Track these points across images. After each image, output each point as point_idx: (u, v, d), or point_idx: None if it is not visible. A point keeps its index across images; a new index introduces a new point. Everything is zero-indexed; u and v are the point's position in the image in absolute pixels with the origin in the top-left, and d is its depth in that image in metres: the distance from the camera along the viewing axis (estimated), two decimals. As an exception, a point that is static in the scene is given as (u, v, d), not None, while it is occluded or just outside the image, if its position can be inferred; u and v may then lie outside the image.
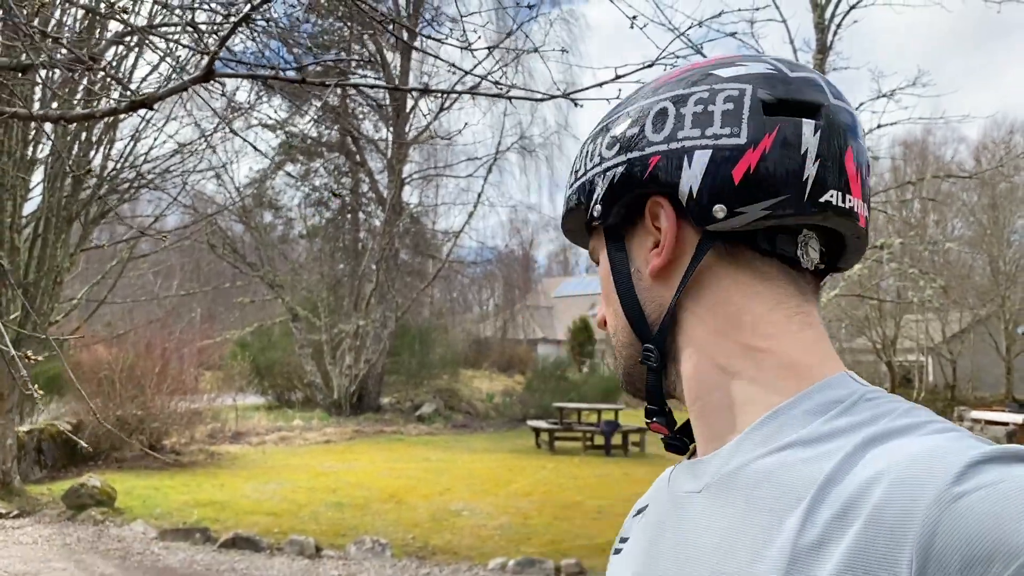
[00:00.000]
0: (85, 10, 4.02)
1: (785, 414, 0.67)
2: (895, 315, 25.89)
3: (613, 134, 0.78)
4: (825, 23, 8.74)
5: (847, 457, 0.60)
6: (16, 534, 8.28)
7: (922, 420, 0.62)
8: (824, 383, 0.69)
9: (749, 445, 0.68)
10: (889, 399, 0.66)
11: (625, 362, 0.81)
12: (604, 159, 0.78)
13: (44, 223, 9.25)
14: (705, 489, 0.70)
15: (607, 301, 0.82)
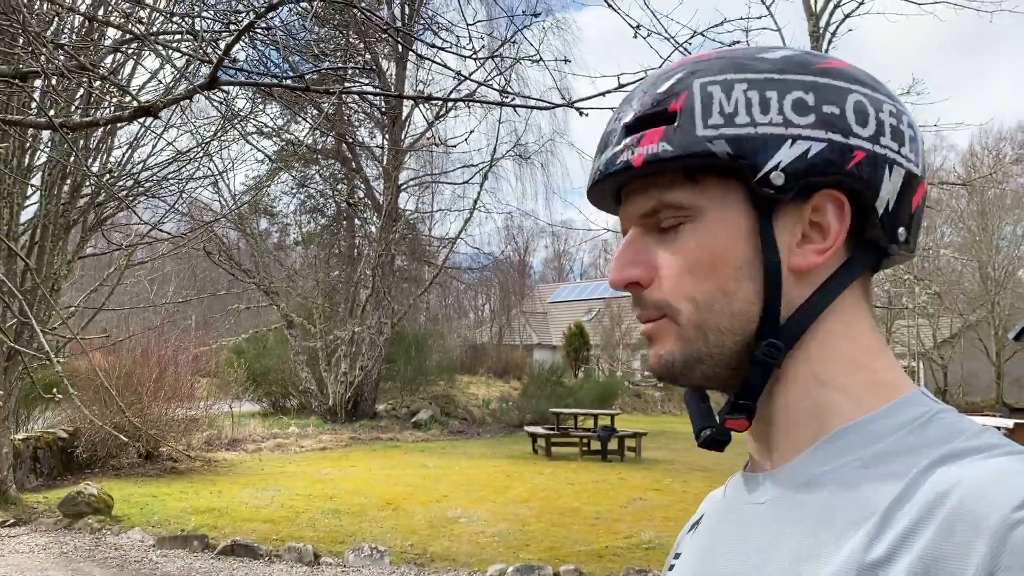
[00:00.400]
0: (84, 17, 4.04)
1: (863, 429, 0.68)
2: (886, 320, 25.97)
3: (802, 99, 0.70)
4: (820, 31, 8.80)
5: (919, 475, 0.61)
6: (12, 543, 8.25)
7: (994, 442, 0.62)
8: (902, 400, 0.69)
9: (823, 456, 0.68)
10: (960, 419, 0.67)
11: (709, 348, 0.72)
12: (792, 123, 0.69)
13: (41, 230, 9.25)
14: (771, 501, 0.71)
15: (696, 272, 0.71)
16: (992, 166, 27.77)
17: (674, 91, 0.72)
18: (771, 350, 0.70)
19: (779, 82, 0.70)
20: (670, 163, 0.70)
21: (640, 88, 0.77)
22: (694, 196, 0.71)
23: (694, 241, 0.71)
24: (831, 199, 0.71)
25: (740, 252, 0.71)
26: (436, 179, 21.31)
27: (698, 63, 0.74)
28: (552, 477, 12.62)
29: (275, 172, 21.30)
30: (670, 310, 0.72)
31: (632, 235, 0.75)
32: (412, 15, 20.56)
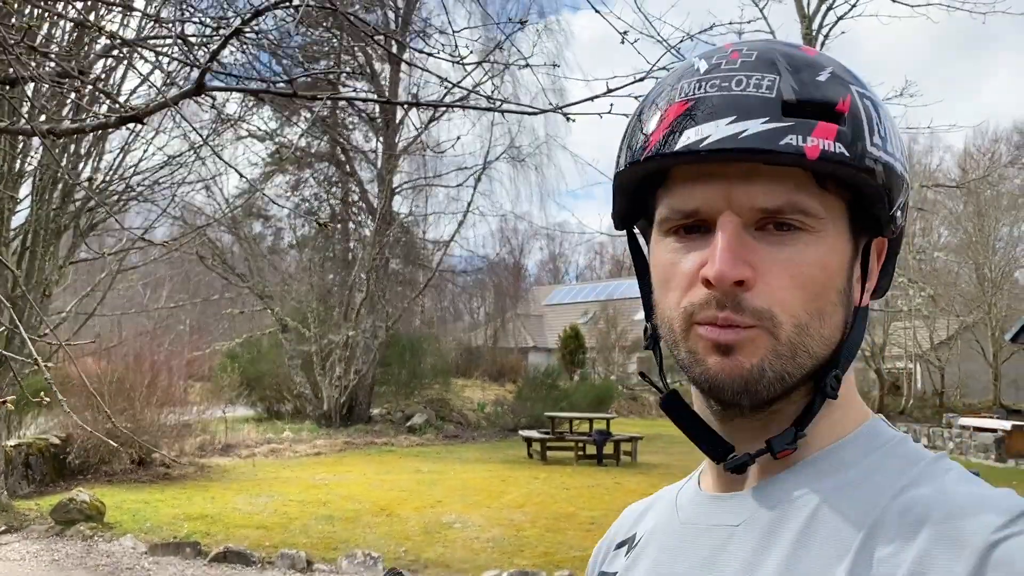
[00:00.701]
0: (74, 23, 4.01)
1: (837, 454, 0.70)
2: (883, 322, 26.01)
3: (901, 141, 0.71)
4: (813, 34, 8.80)
5: (893, 499, 0.63)
6: (3, 550, 8.20)
7: (952, 469, 0.66)
8: (868, 426, 0.72)
9: (797, 481, 0.69)
10: (917, 446, 0.70)
11: (795, 369, 0.68)
12: (904, 166, 0.70)
13: (32, 236, 9.20)
14: (746, 523, 0.69)
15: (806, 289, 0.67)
16: (987, 167, 27.84)
17: (838, 86, 0.67)
18: (835, 382, 0.69)
19: (891, 119, 0.70)
20: (840, 168, 0.65)
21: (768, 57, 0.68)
22: (823, 206, 0.67)
23: (812, 255, 0.67)
24: (878, 243, 0.74)
25: (841, 278, 0.69)
26: (430, 182, 21.27)
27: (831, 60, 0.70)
28: (547, 482, 12.58)
29: (269, 175, 21.26)
30: (772, 322, 0.66)
31: (737, 227, 0.66)
32: (406, 19, 20.54)
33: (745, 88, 0.66)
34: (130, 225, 13.89)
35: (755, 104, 0.65)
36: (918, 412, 26.04)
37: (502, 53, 4.69)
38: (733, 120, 0.65)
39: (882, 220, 0.69)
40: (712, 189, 0.67)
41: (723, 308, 0.67)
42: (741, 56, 0.68)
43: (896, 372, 28.96)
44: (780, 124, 0.64)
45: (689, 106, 0.67)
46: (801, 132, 0.64)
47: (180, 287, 22.99)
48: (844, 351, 0.70)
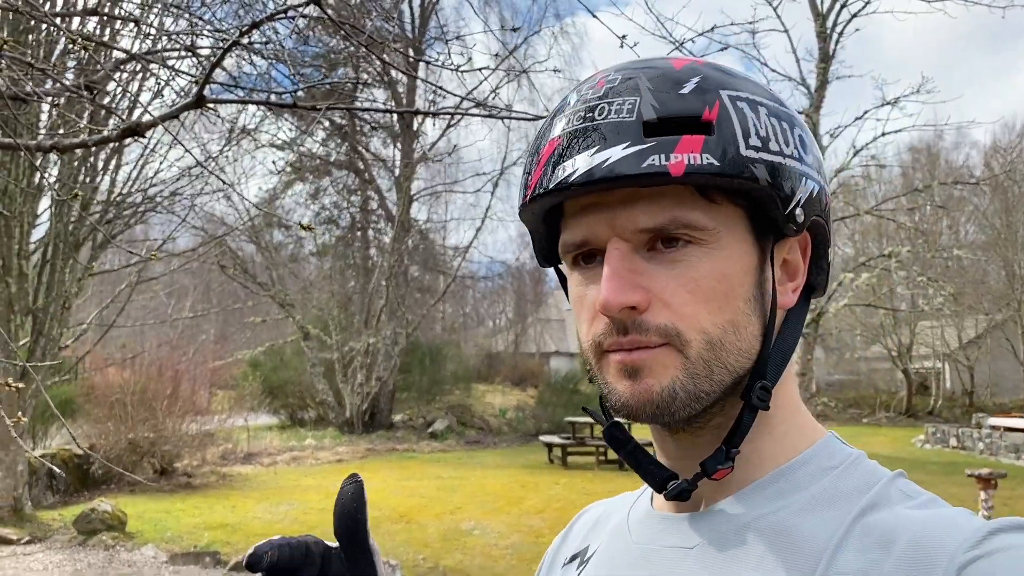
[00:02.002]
0: (86, 39, 4.04)
1: (795, 472, 0.68)
2: (910, 322, 25.70)
3: (802, 137, 0.69)
4: (827, 32, 8.71)
5: (854, 520, 0.62)
6: (27, 560, 8.29)
7: (910, 490, 0.65)
8: (822, 444, 0.70)
9: (754, 501, 0.67)
10: (872, 464, 0.69)
11: (711, 385, 0.66)
12: (803, 161, 0.68)
13: (52, 249, 9.31)
14: (702, 545, 0.67)
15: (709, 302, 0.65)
16: (1011, 162, 27.40)
17: (702, 96, 0.65)
18: (764, 393, 0.67)
19: (784, 114, 0.68)
20: (711, 179, 0.63)
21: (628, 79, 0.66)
22: (710, 218, 0.65)
23: (708, 267, 0.65)
24: (800, 239, 0.71)
25: (748, 286, 0.67)
26: (448, 188, 21.34)
27: (702, 69, 0.67)
28: (568, 487, 12.53)
29: (288, 184, 21.41)
30: (679, 339, 0.64)
31: (622, 251, 0.65)
32: (423, 26, 20.61)
33: (607, 115, 0.65)
34: (151, 236, 14.05)
35: (617, 130, 0.64)
36: (947, 412, 25.66)
37: (515, 59, 4.68)
38: (597, 150, 0.64)
39: (779, 221, 0.66)
40: (596, 218, 0.67)
41: (625, 332, 0.65)
42: (606, 83, 0.67)
43: (924, 372, 28.58)
44: (641, 146, 0.63)
45: (560, 142, 0.66)
46: (663, 151, 0.62)
47: (203, 297, 23.19)
48: (772, 358, 0.68)
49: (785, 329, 0.70)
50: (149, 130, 3.55)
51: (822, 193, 0.69)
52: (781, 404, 0.70)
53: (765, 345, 0.68)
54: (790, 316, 0.71)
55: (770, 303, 0.68)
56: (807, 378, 8.52)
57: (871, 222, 22.09)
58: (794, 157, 0.66)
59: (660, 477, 0.70)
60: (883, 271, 9.37)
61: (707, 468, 0.66)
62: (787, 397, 0.71)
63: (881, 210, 10.53)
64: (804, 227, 0.68)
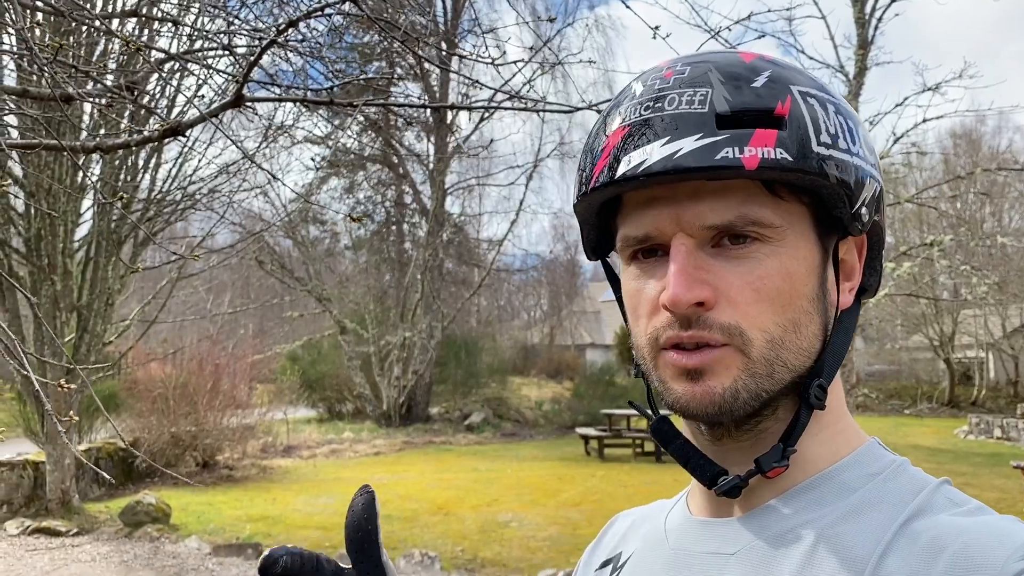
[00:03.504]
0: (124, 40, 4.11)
1: (836, 478, 0.67)
2: (952, 311, 25.22)
3: (865, 136, 0.68)
4: (865, 17, 8.56)
5: (900, 528, 0.61)
6: (76, 552, 8.47)
7: (955, 498, 0.64)
8: (865, 449, 0.69)
9: (796, 507, 0.66)
10: (916, 471, 0.67)
11: (772, 384, 0.65)
12: (868, 160, 0.67)
13: (95, 246, 9.49)
14: (744, 551, 0.66)
15: (773, 301, 0.64)
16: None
17: (774, 90, 0.64)
18: (821, 392, 0.66)
19: (849, 112, 0.67)
20: (785, 174, 0.62)
21: (701, 71, 0.65)
22: (778, 215, 0.64)
23: (774, 266, 0.64)
24: (857, 240, 0.71)
25: (812, 285, 0.66)
26: (481, 182, 21.36)
27: (771, 62, 0.67)
28: (605, 479, 12.52)
29: (324, 179, 21.58)
30: (742, 338, 0.63)
31: (688, 247, 0.64)
32: (455, 19, 20.63)
33: (678, 106, 0.63)
34: (190, 233, 14.26)
35: (688, 121, 0.62)
36: (991, 403, 25.16)
37: (549, 50, 4.67)
38: (668, 140, 0.62)
39: (844, 219, 0.66)
40: (661, 212, 0.65)
41: (688, 327, 0.64)
42: (675, 74, 0.66)
43: (967, 361, 28.03)
44: (714, 138, 0.61)
45: (626, 131, 0.65)
46: (737, 143, 0.61)
47: (241, 292, 23.51)
48: (827, 359, 0.67)
49: (839, 330, 0.69)
50: (189, 129, 3.60)
51: (882, 193, 0.69)
52: (830, 406, 0.69)
53: (825, 344, 0.67)
54: (844, 317, 0.70)
55: (830, 302, 0.68)
56: (848, 369, 8.41)
57: (912, 210, 21.71)
58: (860, 156, 0.66)
59: (711, 472, 0.69)
60: (925, 260, 9.21)
61: (763, 465, 0.65)
62: (834, 401, 0.70)
63: (922, 198, 10.34)
64: (869, 226, 0.68)
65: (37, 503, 9.82)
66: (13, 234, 9.27)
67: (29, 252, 9.10)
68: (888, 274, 8.71)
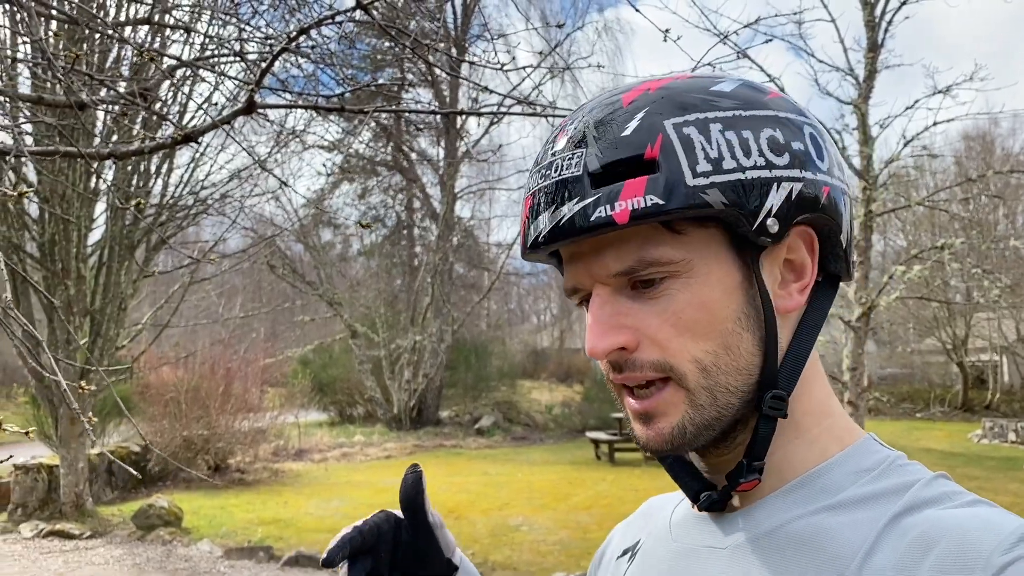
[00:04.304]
0: (138, 49, 4.15)
1: (826, 475, 0.68)
2: (965, 314, 25.06)
3: (774, 137, 0.67)
4: (876, 20, 8.53)
5: (889, 523, 0.62)
6: (89, 555, 8.53)
7: (949, 490, 0.64)
8: (858, 445, 0.70)
9: (787, 504, 0.68)
10: (913, 466, 0.68)
11: (719, 410, 0.67)
12: (774, 165, 0.66)
13: (108, 252, 9.56)
14: (734, 547, 0.69)
15: (695, 332, 0.66)
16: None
17: (645, 133, 0.65)
18: (778, 402, 0.68)
19: (748, 119, 0.66)
20: (661, 217, 0.63)
21: (579, 130, 0.67)
22: (679, 249, 0.66)
23: (687, 298, 0.66)
24: (801, 235, 0.70)
25: (735, 304, 0.67)
26: (492, 186, 21.41)
27: (653, 98, 0.67)
28: (615, 484, 12.51)
29: (336, 184, 21.68)
30: (673, 373, 0.66)
31: (604, 296, 0.68)
32: (465, 24, 20.69)
33: (561, 171, 0.67)
34: (202, 237, 14.34)
35: (569, 186, 0.66)
36: (1005, 406, 24.98)
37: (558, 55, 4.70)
38: (555, 208, 0.66)
39: (749, 236, 0.66)
40: (578, 267, 0.70)
41: (621, 370, 0.68)
42: (565, 134, 0.69)
43: (980, 365, 27.85)
44: (588, 200, 0.64)
45: (531, 202, 0.70)
46: (608, 201, 0.64)
47: (253, 296, 23.60)
48: (785, 365, 0.69)
49: (800, 331, 0.70)
50: (203, 136, 3.64)
51: (810, 190, 0.67)
52: (809, 409, 0.71)
53: (769, 356, 0.68)
54: (806, 316, 0.71)
55: (765, 314, 0.68)
56: (859, 372, 8.37)
57: (923, 213, 21.61)
58: (758, 166, 0.65)
59: (693, 489, 0.74)
60: (936, 263, 9.17)
61: (731, 482, 0.69)
62: (815, 401, 0.71)
63: (933, 200, 10.30)
64: (783, 234, 0.67)
65: (51, 506, 9.89)
66: (28, 239, 9.35)
67: (43, 257, 9.18)
68: (899, 277, 8.67)
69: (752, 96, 0.69)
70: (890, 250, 25.01)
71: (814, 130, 0.70)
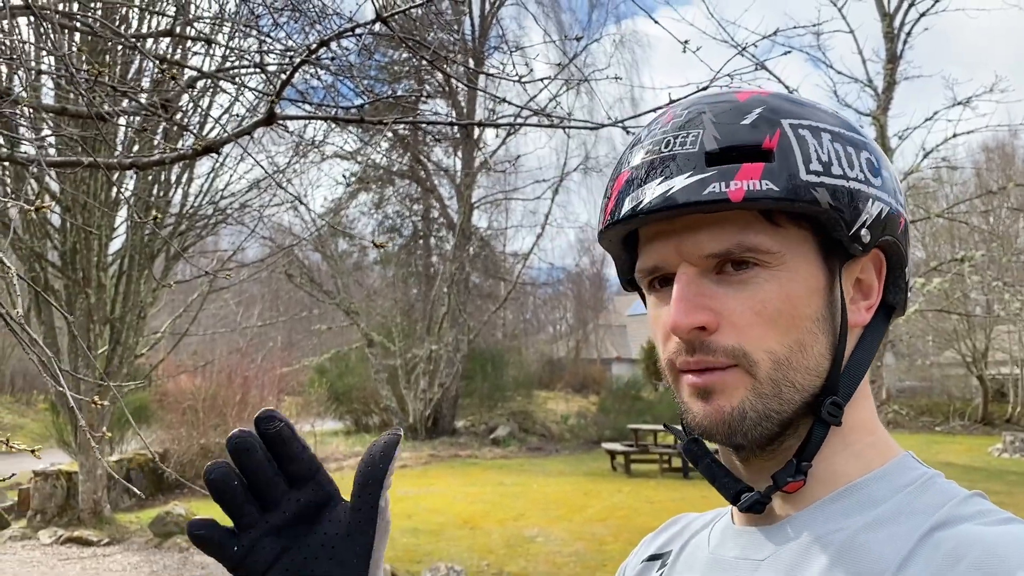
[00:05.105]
0: (167, 61, 4.20)
1: (865, 489, 0.69)
2: (985, 327, 24.81)
3: (871, 160, 0.70)
4: (895, 32, 8.51)
5: (923, 537, 0.62)
6: (106, 561, 8.59)
7: (984, 508, 0.65)
8: (898, 462, 0.71)
9: (824, 517, 0.69)
10: (948, 484, 0.69)
11: (781, 404, 0.68)
12: (871, 184, 0.69)
13: (128, 260, 9.65)
14: (771, 558, 0.70)
15: (776, 323, 0.67)
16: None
17: (764, 126, 0.68)
18: (835, 408, 0.69)
19: (850, 139, 0.70)
20: (771, 203, 0.66)
21: (694, 112, 0.70)
22: (776, 241, 0.68)
23: (774, 289, 0.68)
24: (874, 259, 0.73)
25: (816, 305, 0.69)
26: (508, 196, 21.45)
27: (769, 98, 0.71)
28: (631, 495, 12.45)
29: (354, 193, 21.79)
30: (746, 360, 0.67)
31: (690, 275, 0.69)
32: (483, 36, 20.78)
33: (672, 148, 0.69)
34: (221, 247, 14.44)
35: (681, 161, 0.67)
36: (1026, 420, 24.70)
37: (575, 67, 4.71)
38: (662, 180, 0.67)
39: (844, 241, 0.69)
40: (665, 245, 0.70)
41: (693, 352, 0.69)
42: (673, 117, 0.71)
43: (1001, 378, 27.55)
44: (703, 175, 0.66)
45: (629, 175, 0.71)
46: (724, 178, 0.66)
47: (271, 305, 23.73)
48: (844, 376, 0.70)
49: (859, 347, 0.72)
50: (223, 146, 3.68)
51: (894, 214, 0.71)
52: (856, 423, 0.72)
53: (836, 362, 0.70)
54: (865, 334, 0.73)
55: (840, 322, 0.70)
56: (877, 385, 8.32)
57: (943, 225, 21.44)
58: (859, 180, 0.69)
59: (734, 489, 0.73)
60: (956, 275, 9.10)
61: (778, 480, 0.69)
62: (862, 416, 0.73)
63: (953, 213, 10.23)
64: (871, 247, 0.70)
65: (70, 513, 9.97)
66: (49, 248, 9.46)
67: (65, 266, 9.28)
68: (918, 289, 8.61)
69: (850, 122, 0.74)
70: (909, 263, 24.81)
71: (891, 166, 0.74)
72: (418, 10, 4.30)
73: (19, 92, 4.34)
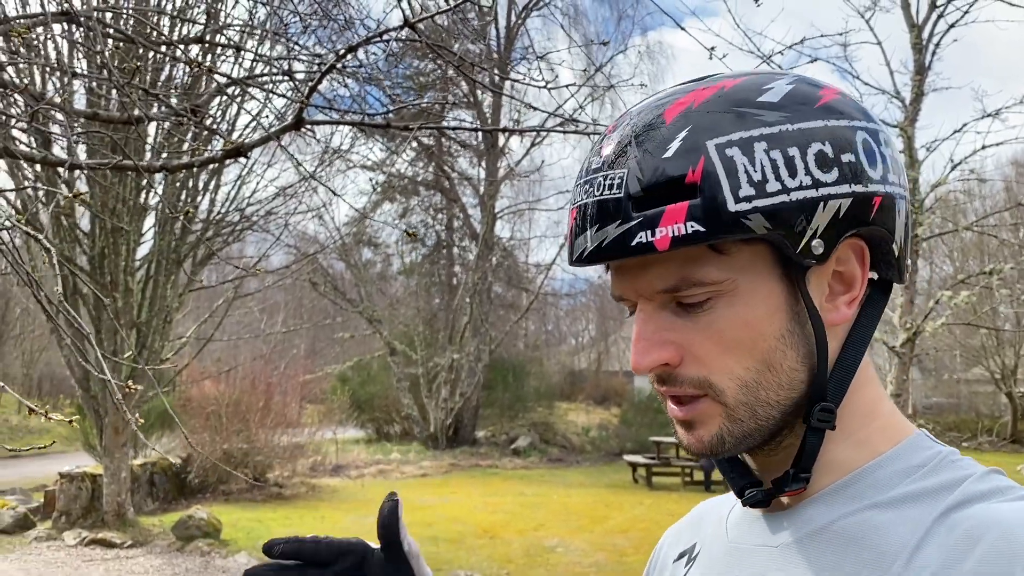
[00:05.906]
0: (188, 65, 4.26)
1: (875, 473, 0.68)
2: (1015, 343, 24.45)
3: (822, 152, 0.65)
4: (923, 43, 8.44)
5: (938, 519, 0.62)
6: (129, 564, 8.65)
7: (1003, 485, 0.64)
8: (909, 443, 0.70)
9: (837, 502, 0.69)
10: (967, 461, 0.67)
11: (759, 423, 0.68)
12: (821, 183, 0.65)
13: (155, 265, 9.76)
14: (785, 545, 0.70)
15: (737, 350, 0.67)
16: None
17: (686, 156, 0.64)
18: (826, 414, 0.68)
19: (796, 134, 0.65)
20: (701, 243, 0.64)
21: (621, 145, 0.67)
22: (723, 269, 0.66)
23: (731, 316, 0.66)
24: (852, 247, 0.70)
25: (779, 322, 0.67)
26: (531, 206, 21.49)
27: (696, 114, 0.66)
28: (652, 508, 12.37)
29: (378, 203, 21.91)
30: (712, 390, 0.68)
31: (648, 311, 0.69)
32: (508, 45, 20.87)
33: (602, 191, 0.67)
34: (246, 254, 14.56)
35: (610, 207, 0.66)
36: (1057, 439, 24.27)
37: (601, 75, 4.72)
38: (598, 228, 0.67)
39: (794, 259, 0.66)
40: (624, 280, 0.71)
41: (664, 385, 0.70)
42: (611, 143, 0.69)
43: (1030, 396, 27.11)
44: (629, 224, 0.65)
45: (575, 216, 0.70)
46: (649, 226, 0.64)
47: (294, 312, 23.87)
48: (834, 377, 0.69)
49: (847, 344, 0.70)
50: (251, 151, 3.72)
51: (859, 202, 0.66)
52: (856, 411, 0.71)
53: (820, 368, 0.68)
54: (855, 327, 0.71)
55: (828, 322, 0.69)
56: (903, 399, 8.21)
57: (971, 238, 21.20)
58: (804, 186, 0.64)
59: (739, 486, 0.75)
60: (984, 289, 8.98)
61: (777, 488, 0.71)
62: (863, 402, 0.72)
63: (982, 226, 10.10)
64: (830, 253, 0.66)
65: (94, 515, 10.05)
66: (79, 253, 9.58)
67: (93, 270, 9.39)
68: (945, 302, 8.51)
69: (802, 103, 0.67)
70: (936, 277, 24.52)
71: (868, 134, 0.69)
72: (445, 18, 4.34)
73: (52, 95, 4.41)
